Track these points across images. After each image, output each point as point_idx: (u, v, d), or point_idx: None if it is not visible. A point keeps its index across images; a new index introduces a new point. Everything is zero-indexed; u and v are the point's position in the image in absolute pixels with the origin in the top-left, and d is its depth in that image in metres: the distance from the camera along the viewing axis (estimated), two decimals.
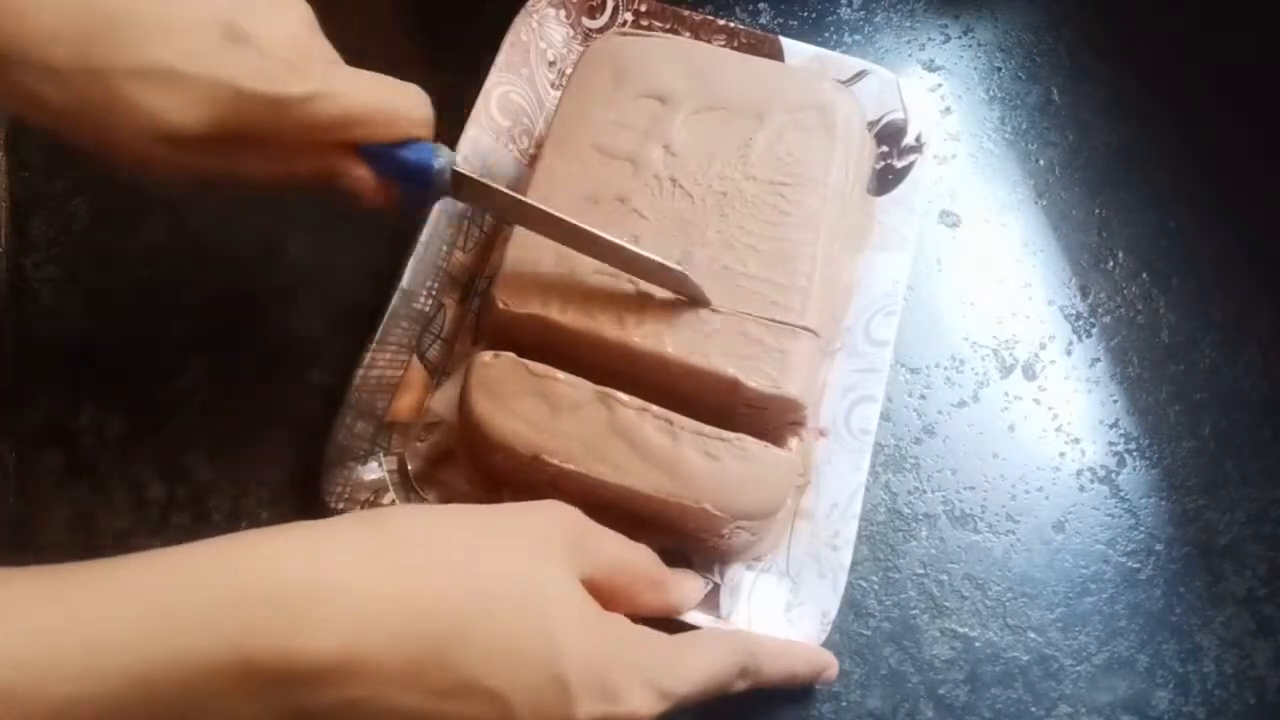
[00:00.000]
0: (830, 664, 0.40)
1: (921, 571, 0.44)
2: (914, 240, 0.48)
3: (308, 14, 0.36)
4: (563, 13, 0.51)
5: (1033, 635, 0.43)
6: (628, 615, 0.34)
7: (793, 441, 0.42)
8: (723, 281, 0.42)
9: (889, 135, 0.49)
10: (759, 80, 0.47)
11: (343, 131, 0.36)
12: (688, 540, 0.41)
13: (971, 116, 0.53)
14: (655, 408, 0.40)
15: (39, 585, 0.26)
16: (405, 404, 0.43)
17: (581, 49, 0.50)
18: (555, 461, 0.39)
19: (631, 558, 0.36)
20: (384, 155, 0.37)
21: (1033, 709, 0.42)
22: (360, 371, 0.43)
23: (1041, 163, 0.53)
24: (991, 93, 0.54)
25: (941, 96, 0.54)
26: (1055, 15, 0.56)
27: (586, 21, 0.52)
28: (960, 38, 0.55)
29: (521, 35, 0.50)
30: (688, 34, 0.51)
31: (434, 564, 0.30)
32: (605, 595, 0.33)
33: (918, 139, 0.49)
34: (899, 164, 0.49)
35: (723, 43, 0.50)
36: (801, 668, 0.39)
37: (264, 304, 0.47)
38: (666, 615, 0.38)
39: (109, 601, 0.26)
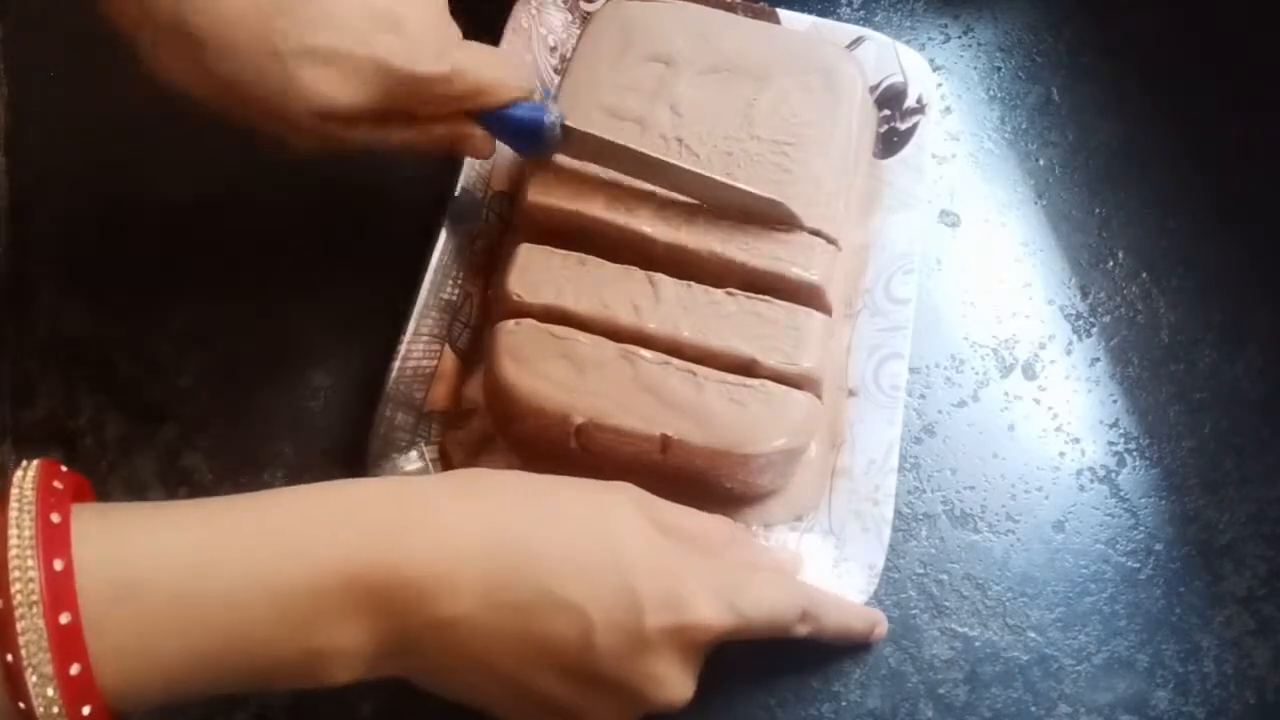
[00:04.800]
0: (880, 620, 0.42)
1: (921, 571, 0.44)
2: (925, 200, 0.49)
3: (443, 0, 0.40)
4: None
5: (1033, 635, 0.43)
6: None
7: None
8: (730, 237, 0.43)
9: (890, 98, 0.50)
10: (763, 44, 0.48)
11: (470, 103, 0.40)
12: (724, 492, 0.42)
13: (971, 116, 0.53)
14: (677, 361, 0.41)
15: (188, 511, 0.30)
16: (440, 393, 0.44)
17: (580, 32, 0.50)
18: (586, 419, 0.40)
19: (702, 522, 0.38)
20: (502, 118, 0.41)
21: (1033, 709, 0.42)
22: (396, 363, 0.43)
23: (1041, 163, 0.53)
24: (991, 93, 0.54)
25: (941, 96, 0.54)
26: (1055, 15, 0.56)
27: (584, 5, 0.52)
28: (960, 38, 0.56)
29: (522, 22, 0.50)
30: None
31: (511, 505, 0.34)
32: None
33: (919, 100, 0.50)
34: (902, 126, 0.50)
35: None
36: (856, 623, 0.41)
37: (264, 304, 0.47)
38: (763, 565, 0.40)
39: (241, 522, 0.30)
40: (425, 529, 0.31)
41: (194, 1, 0.34)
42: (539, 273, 0.42)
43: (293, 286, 0.47)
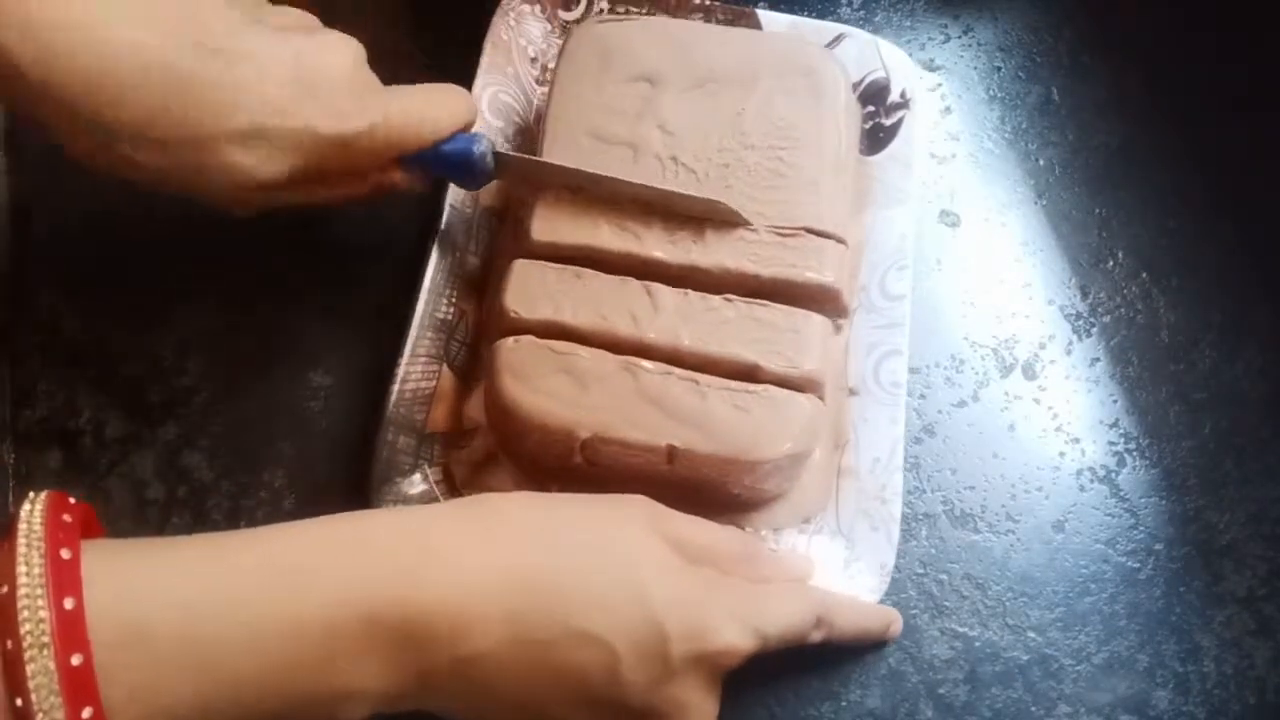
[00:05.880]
0: (896, 619, 0.42)
1: (921, 571, 0.44)
2: (916, 195, 0.49)
3: (359, 51, 0.39)
4: (538, 8, 0.51)
5: (1033, 635, 0.43)
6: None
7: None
8: (739, 250, 0.43)
9: (873, 94, 0.50)
10: (743, 50, 0.47)
11: (398, 150, 0.40)
12: (730, 499, 0.42)
13: (971, 116, 0.53)
14: (679, 370, 0.41)
15: (202, 547, 0.30)
16: (441, 414, 0.43)
17: (560, 42, 0.50)
18: (590, 434, 0.40)
19: (713, 534, 0.38)
20: (428, 156, 0.41)
21: (1032, 709, 0.42)
22: (395, 386, 0.42)
23: (1041, 163, 0.53)
24: (991, 92, 0.54)
25: (941, 96, 0.54)
26: (1055, 15, 0.56)
27: (562, 14, 0.52)
28: (960, 37, 0.55)
29: (501, 34, 0.50)
30: (663, 15, 0.51)
31: (527, 538, 0.33)
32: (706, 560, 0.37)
33: (903, 94, 0.50)
34: (888, 121, 0.50)
35: (700, 20, 0.51)
36: (871, 623, 0.41)
37: (264, 304, 0.47)
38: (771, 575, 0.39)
39: (256, 559, 0.30)
40: (444, 566, 0.31)
41: (104, 98, 0.33)
42: (535, 288, 0.42)
43: (292, 287, 0.47)
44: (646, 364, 0.41)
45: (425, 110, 0.40)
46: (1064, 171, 0.52)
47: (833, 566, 0.42)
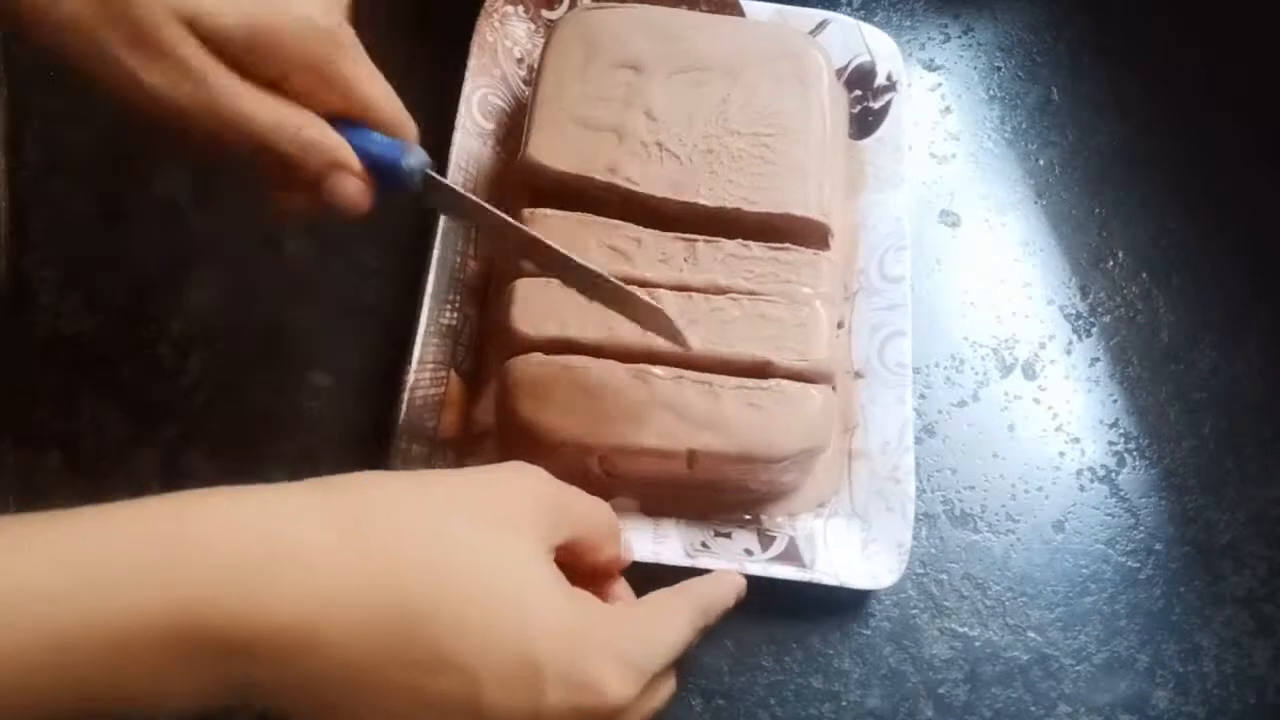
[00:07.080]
0: (740, 579, 0.38)
1: (921, 571, 0.44)
2: (909, 177, 0.49)
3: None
4: (521, 8, 0.51)
5: (1033, 635, 0.43)
6: (592, 566, 0.34)
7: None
8: (733, 267, 0.43)
9: (860, 79, 0.51)
10: (727, 38, 0.48)
11: (345, 94, 0.35)
12: (749, 495, 0.42)
13: (971, 116, 0.53)
14: (691, 373, 0.41)
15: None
16: (450, 419, 0.43)
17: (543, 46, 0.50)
18: (610, 446, 0.39)
19: (596, 511, 0.35)
20: (363, 146, 0.35)
21: (1032, 709, 0.42)
22: (405, 395, 0.42)
23: (1041, 162, 0.53)
24: (991, 92, 0.54)
25: (941, 96, 0.54)
26: (1055, 15, 0.56)
27: (546, 13, 0.52)
28: (960, 37, 0.55)
29: (486, 36, 0.50)
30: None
31: (400, 535, 0.29)
32: (574, 551, 0.33)
33: (889, 77, 0.50)
34: (876, 105, 0.50)
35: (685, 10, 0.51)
36: (731, 594, 0.37)
37: (264, 303, 0.47)
38: (620, 564, 0.37)
39: (32, 548, 0.24)
40: (292, 566, 0.27)
41: None
42: (540, 305, 0.42)
43: (293, 286, 0.47)
44: (657, 370, 0.40)
45: (391, 99, 0.36)
46: (1064, 171, 0.52)
47: (850, 548, 0.42)
